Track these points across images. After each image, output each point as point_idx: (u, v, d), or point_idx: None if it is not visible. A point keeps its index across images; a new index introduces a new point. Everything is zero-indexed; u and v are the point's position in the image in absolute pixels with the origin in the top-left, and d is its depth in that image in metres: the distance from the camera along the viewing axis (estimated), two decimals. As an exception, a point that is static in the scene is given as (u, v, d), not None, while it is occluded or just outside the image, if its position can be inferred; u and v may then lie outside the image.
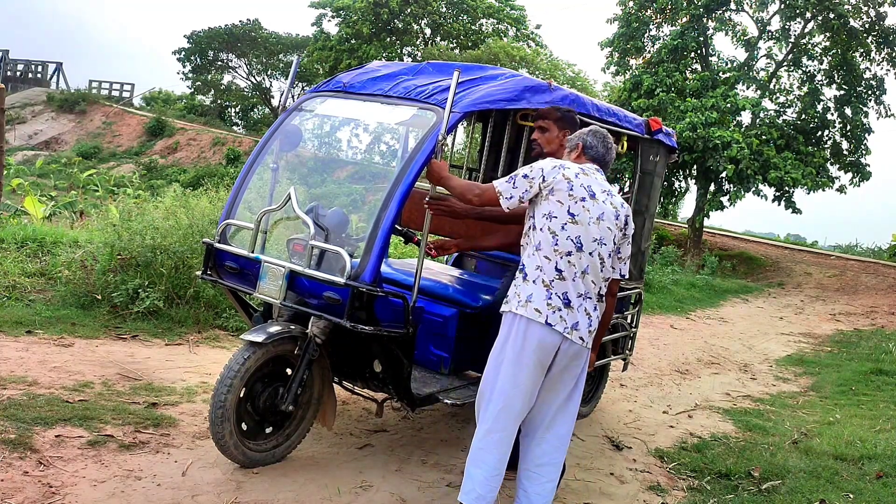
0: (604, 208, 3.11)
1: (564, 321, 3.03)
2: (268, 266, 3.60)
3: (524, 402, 3.10)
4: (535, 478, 3.22)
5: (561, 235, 3.04)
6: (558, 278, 3.03)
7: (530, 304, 3.03)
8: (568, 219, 3.04)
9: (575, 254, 3.04)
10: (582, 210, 3.06)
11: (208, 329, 6.08)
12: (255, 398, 3.59)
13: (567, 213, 3.05)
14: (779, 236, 26.24)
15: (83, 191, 18.71)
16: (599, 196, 3.12)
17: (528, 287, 3.06)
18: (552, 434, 3.22)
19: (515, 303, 3.08)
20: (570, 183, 3.06)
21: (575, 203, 3.05)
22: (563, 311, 3.03)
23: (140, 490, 3.27)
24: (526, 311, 3.02)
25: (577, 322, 3.06)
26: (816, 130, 18.19)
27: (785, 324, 11.21)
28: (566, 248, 3.04)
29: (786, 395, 6.83)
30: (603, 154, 3.29)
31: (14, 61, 40.40)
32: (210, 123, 35.22)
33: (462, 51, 29.53)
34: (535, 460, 3.22)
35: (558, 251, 3.04)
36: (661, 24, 19.24)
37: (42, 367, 4.62)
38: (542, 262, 3.04)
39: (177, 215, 6.69)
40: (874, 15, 17.47)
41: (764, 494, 4.09)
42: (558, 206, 3.04)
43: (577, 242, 3.05)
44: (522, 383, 3.05)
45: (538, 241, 3.06)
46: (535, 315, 3.01)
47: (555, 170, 3.08)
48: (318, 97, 4.19)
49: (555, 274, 3.03)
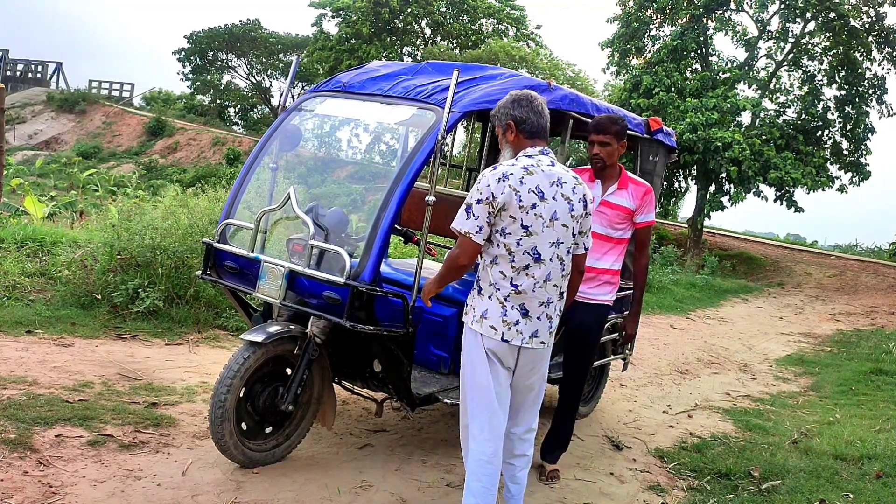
0: (555, 206, 2.98)
1: (521, 334, 2.99)
2: (267, 266, 3.60)
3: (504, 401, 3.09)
4: (509, 468, 3.26)
5: (517, 251, 2.95)
6: (514, 293, 2.97)
7: (486, 320, 2.99)
8: (522, 233, 2.93)
9: (533, 265, 2.97)
10: (534, 219, 2.94)
11: (208, 329, 6.09)
12: (255, 398, 3.59)
13: (521, 227, 2.93)
14: (779, 236, 26.26)
15: (83, 191, 18.69)
16: (549, 193, 2.97)
17: (483, 302, 3.01)
18: (521, 429, 3.26)
19: (471, 318, 3.05)
20: (517, 194, 2.91)
21: (526, 214, 2.92)
22: (521, 324, 2.99)
23: (140, 490, 3.27)
24: (482, 327, 2.99)
25: (535, 330, 3.02)
26: (817, 130, 18.18)
27: (785, 324, 11.21)
28: (523, 263, 2.96)
29: (786, 395, 6.83)
30: (538, 123, 3.05)
31: (14, 61, 40.41)
32: (210, 123, 35.24)
33: (462, 51, 29.52)
34: (508, 454, 3.23)
35: (515, 267, 2.96)
36: (661, 23, 19.24)
37: (42, 367, 4.62)
38: (497, 279, 2.98)
39: (176, 215, 6.68)
40: (874, 15, 17.48)
41: (764, 494, 4.08)
42: (511, 222, 2.92)
43: (535, 254, 2.96)
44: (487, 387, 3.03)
45: (494, 255, 2.98)
46: (491, 332, 2.98)
47: (500, 184, 2.90)
48: (318, 97, 4.19)
49: (511, 289, 2.97)
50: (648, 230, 4.07)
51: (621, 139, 3.85)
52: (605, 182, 3.95)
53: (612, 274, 4.00)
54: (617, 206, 3.92)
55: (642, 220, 3.99)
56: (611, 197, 3.93)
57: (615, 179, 3.94)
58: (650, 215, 4.00)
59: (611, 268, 3.98)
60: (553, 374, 4.55)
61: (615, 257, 3.99)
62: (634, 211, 3.95)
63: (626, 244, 4.04)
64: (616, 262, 4.00)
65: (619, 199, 3.93)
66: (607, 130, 3.83)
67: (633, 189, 3.94)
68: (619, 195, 3.93)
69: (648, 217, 3.99)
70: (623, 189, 3.93)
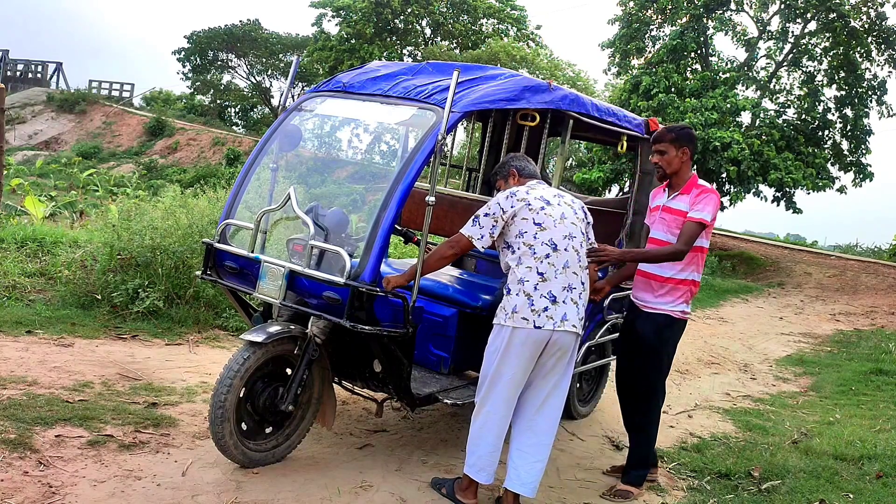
0: (562, 209, 3.48)
1: (552, 318, 3.31)
2: (267, 266, 3.60)
3: (516, 390, 3.42)
4: (527, 456, 3.46)
5: (536, 244, 3.36)
6: (541, 280, 3.33)
7: (516, 314, 3.32)
8: (536, 228, 3.38)
9: (552, 254, 3.36)
10: (545, 217, 3.40)
11: (208, 329, 6.09)
12: (255, 398, 3.59)
13: (533, 224, 3.39)
14: (779, 236, 26.23)
15: (83, 191, 18.70)
16: (553, 201, 3.49)
17: (512, 300, 3.35)
18: (542, 417, 3.48)
19: (503, 316, 3.37)
20: (526, 202, 3.42)
21: (537, 214, 3.40)
22: (550, 309, 3.32)
23: (140, 490, 3.27)
24: (514, 321, 3.32)
25: (565, 314, 3.34)
26: (817, 131, 18.17)
27: (785, 324, 11.21)
28: (544, 252, 3.36)
29: (786, 395, 6.83)
30: (533, 170, 3.69)
31: (14, 61, 40.39)
32: (210, 123, 35.22)
33: (462, 51, 29.52)
34: (527, 440, 3.47)
35: (537, 257, 3.35)
36: (661, 24, 19.23)
37: (42, 367, 4.62)
38: (524, 273, 3.35)
39: (176, 215, 6.68)
40: (875, 15, 17.47)
41: (764, 494, 4.09)
42: (525, 223, 3.39)
43: (552, 244, 3.37)
44: (512, 373, 3.36)
45: (518, 258, 3.38)
46: (523, 323, 3.31)
47: (509, 199, 3.42)
48: (318, 97, 4.19)
49: (538, 278, 3.33)
50: (694, 225, 3.69)
51: (680, 146, 3.80)
52: (672, 190, 3.88)
53: (676, 283, 3.81)
54: (675, 211, 3.81)
55: (693, 216, 3.72)
56: (672, 202, 3.84)
57: (682, 186, 3.84)
58: (703, 213, 3.70)
59: (674, 276, 3.81)
60: None
61: (680, 266, 3.80)
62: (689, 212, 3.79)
63: (696, 253, 3.80)
64: (681, 272, 3.81)
65: (678, 203, 3.81)
66: (663, 139, 3.84)
67: (695, 192, 3.80)
68: (678, 200, 3.82)
69: (699, 213, 3.70)
70: (685, 194, 3.81)
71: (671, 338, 3.90)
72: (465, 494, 3.53)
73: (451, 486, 3.60)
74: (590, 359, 4.94)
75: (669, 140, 3.82)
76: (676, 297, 3.83)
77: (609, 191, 18.45)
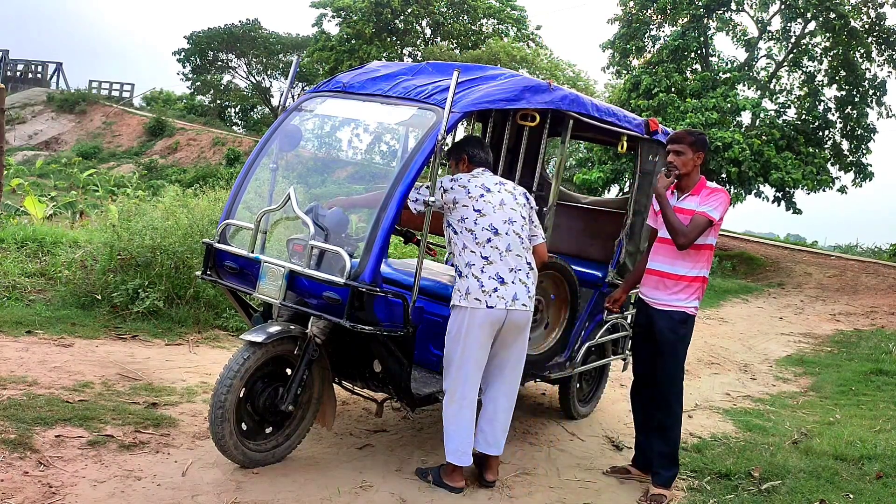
0: (501, 196, 3.68)
1: (503, 298, 3.55)
2: (267, 266, 3.60)
3: (480, 370, 3.66)
4: (495, 423, 3.76)
5: (476, 229, 3.58)
6: (487, 263, 3.57)
7: (470, 295, 3.55)
8: (476, 215, 3.60)
9: (493, 238, 3.59)
10: (484, 203, 3.62)
11: (208, 329, 6.09)
12: (255, 398, 3.59)
13: (473, 210, 3.60)
14: (779, 236, 26.22)
15: (83, 191, 18.68)
16: (494, 188, 3.70)
17: (464, 282, 3.58)
18: (508, 385, 3.77)
19: (458, 297, 3.58)
20: (466, 189, 3.63)
21: (476, 201, 3.61)
22: (500, 290, 3.55)
23: (140, 490, 3.27)
24: (468, 302, 3.54)
25: (515, 293, 3.58)
26: (817, 131, 18.17)
27: (785, 324, 11.20)
28: (485, 237, 3.58)
29: (786, 395, 6.83)
30: (485, 158, 3.85)
31: (14, 61, 40.38)
32: (210, 123, 35.19)
33: (462, 51, 29.50)
34: (495, 407, 3.76)
35: (479, 242, 3.58)
36: (661, 24, 19.23)
37: (42, 367, 4.62)
38: (470, 257, 3.58)
39: (176, 215, 6.69)
40: (875, 15, 17.46)
41: (764, 494, 4.08)
42: (465, 209, 3.60)
43: (492, 229, 3.59)
44: (476, 356, 3.59)
45: (462, 243, 3.61)
46: (476, 304, 3.53)
47: (451, 182, 3.66)
48: (318, 97, 4.19)
49: (483, 262, 3.57)
50: (701, 219, 3.74)
51: (698, 150, 3.84)
52: (681, 191, 3.92)
53: (690, 280, 3.85)
54: (686, 211, 3.82)
55: (701, 209, 3.77)
56: (682, 203, 3.87)
57: (691, 188, 3.89)
58: (711, 210, 3.75)
59: (686, 274, 3.85)
60: (554, 374, 4.58)
61: (692, 264, 3.85)
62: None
63: (705, 251, 3.85)
64: (693, 269, 3.85)
65: (689, 203, 3.84)
66: (682, 140, 3.86)
67: (705, 192, 3.84)
68: (688, 201, 3.86)
69: (707, 209, 3.75)
70: (694, 195, 3.86)
71: (687, 334, 3.97)
72: (452, 478, 3.69)
73: (436, 473, 3.74)
74: (590, 359, 4.94)
75: (689, 143, 3.85)
76: (690, 293, 3.89)
77: (609, 191, 18.46)
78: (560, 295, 4.35)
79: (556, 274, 4.25)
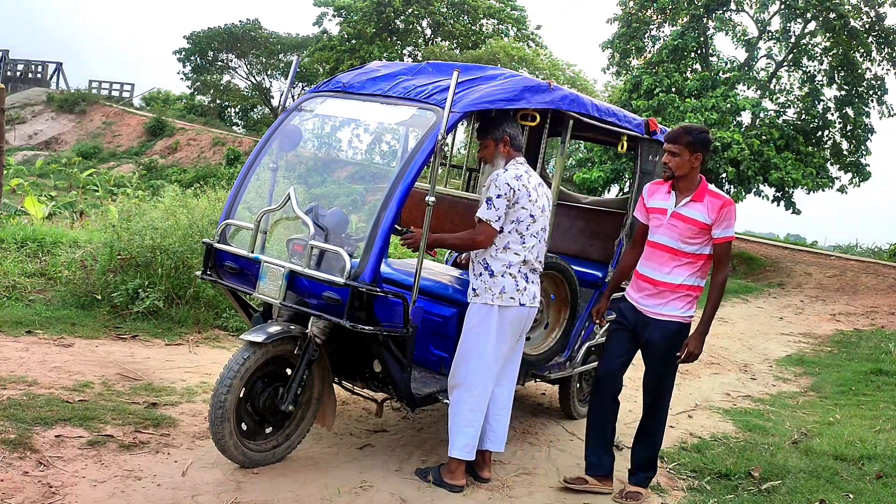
0: (542, 201, 3.75)
1: (529, 296, 3.69)
2: (267, 266, 3.60)
3: (501, 365, 3.73)
4: (501, 419, 3.82)
5: (527, 234, 3.65)
6: (523, 265, 3.66)
7: (504, 294, 3.61)
8: (530, 220, 3.65)
9: (537, 245, 3.71)
10: (536, 209, 3.67)
11: (208, 329, 6.09)
12: (255, 398, 3.59)
13: (529, 215, 3.64)
14: (779, 236, 26.20)
15: (83, 191, 18.70)
16: (538, 191, 3.72)
17: (498, 281, 3.62)
18: (508, 380, 3.84)
19: (489, 296, 3.61)
20: (526, 190, 3.63)
21: (532, 205, 3.65)
22: (528, 289, 3.69)
23: (140, 490, 3.27)
24: (502, 300, 3.60)
25: (534, 293, 3.74)
26: (817, 131, 18.17)
27: (785, 324, 11.20)
28: (531, 243, 3.67)
29: (786, 395, 6.83)
30: (521, 143, 3.84)
31: (14, 61, 40.35)
32: (210, 123, 35.18)
33: (462, 51, 29.50)
34: (503, 404, 3.83)
35: (525, 247, 3.65)
36: (661, 24, 19.23)
37: (42, 367, 4.62)
38: (511, 258, 3.63)
39: (176, 215, 6.68)
40: (874, 15, 17.46)
41: (764, 494, 4.09)
42: (523, 212, 3.62)
43: (538, 236, 3.71)
44: (504, 351, 3.69)
45: (505, 242, 3.63)
46: (511, 302, 3.62)
47: (516, 181, 3.59)
48: (318, 97, 4.19)
49: (521, 264, 3.65)
50: (726, 246, 3.73)
51: (695, 150, 3.65)
52: (680, 194, 3.75)
53: (687, 289, 3.76)
54: (689, 220, 3.69)
55: (720, 236, 3.68)
56: (683, 209, 3.72)
57: (691, 192, 3.71)
58: (728, 230, 3.69)
59: (683, 283, 3.74)
60: (554, 374, 4.59)
61: (689, 273, 3.74)
62: (711, 225, 3.67)
63: (704, 260, 3.74)
64: (690, 277, 3.75)
65: (692, 211, 3.69)
66: (678, 140, 3.67)
67: (710, 202, 3.67)
68: (691, 207, 3.70)
69: (726, 232, 3.69)
70: (697, 202, 3.69)
71: (681, 343, 3.83)
72: (454, 476, 3.71)
73: (437, 473, 3.73)
74: (590, 359, 4.94)
75: (685, 143, 3.65)
76: (686, 302, 3.78)
77: (609, 191, 18.45)
78: (560, 295, 4.35)
79: (556, 274, 4.26)
